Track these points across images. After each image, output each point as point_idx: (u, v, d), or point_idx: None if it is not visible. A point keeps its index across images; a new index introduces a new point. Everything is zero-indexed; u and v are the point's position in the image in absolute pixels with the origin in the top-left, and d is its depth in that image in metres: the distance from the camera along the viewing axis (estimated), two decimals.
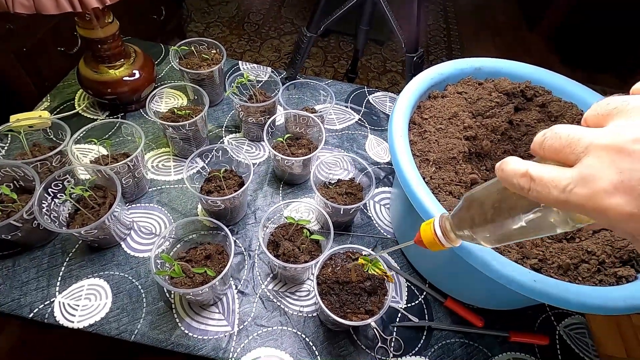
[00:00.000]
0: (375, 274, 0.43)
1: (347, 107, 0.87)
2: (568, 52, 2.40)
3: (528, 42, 2.58)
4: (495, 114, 0.60)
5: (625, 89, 0.24)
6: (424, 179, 0.47)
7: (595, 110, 0.22)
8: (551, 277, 0.42)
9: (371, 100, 0.89)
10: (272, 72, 0.89)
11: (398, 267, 0.62)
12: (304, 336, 0.54)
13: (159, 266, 0.48)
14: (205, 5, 2.38)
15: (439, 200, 0.45)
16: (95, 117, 0.76)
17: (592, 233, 0.46)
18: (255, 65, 0.91)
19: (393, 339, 0.55)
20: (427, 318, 0.58)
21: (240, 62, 0.91)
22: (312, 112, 0.74)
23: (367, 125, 0.83)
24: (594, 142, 0.20)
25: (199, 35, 2.13)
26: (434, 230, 0.35)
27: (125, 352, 0.58)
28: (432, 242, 0.35)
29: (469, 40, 2.51)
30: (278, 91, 0.71)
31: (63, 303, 0.53)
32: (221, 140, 0.76)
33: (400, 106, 0.54)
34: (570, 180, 0.20)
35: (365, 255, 0.47)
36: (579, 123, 0.68)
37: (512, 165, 0.24)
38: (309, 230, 0.55)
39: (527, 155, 0.61)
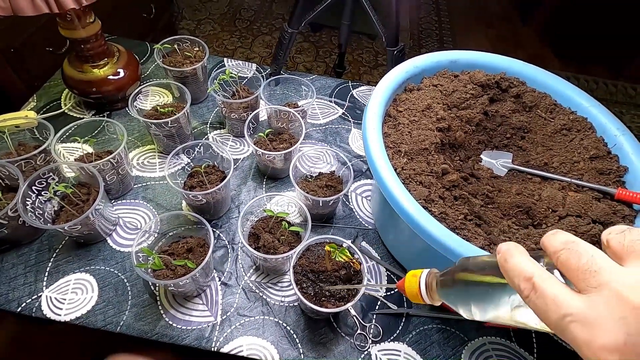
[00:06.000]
0: (342, 260, 0.44)
1: (331, 101, 0.88)
2: (561, 44, 2.41)
3: (521, 34, 2.58)
4: (470, 105, 0.61)
5: (617, 80, 0.23)
6: (395, 170, 0.49)
7: (620, 239, 0.21)
8: None
9: (355, 95, 0.90)
10: (256, 68, 0.90)
11: (378, 257, 0.64)
12: (285, 325, 0.56)
13: (140, 259, 0.50)
14: (196, 2, 2.38)
15: (409, 190, 0.47)
16: (82, 116, 0.77)
17: (559, 219, 0.48)
18: (240, 62, 0.92)
19: (372, 326, 0.57)
20: (405, 305, 0.59)
21: (225, 59, 0.92)
22: (295, 107, 0.75)
23: (350, 119, 0.85)
24: (610, 284, 0.19)
25: (190, 33, 2.13)
26: (419, 284, 0.34)
27: (117, 345, 0.60)
28: (415, 294, 0.34)
29: (461, 33, 2.51)
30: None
31: (50, 297, 0.54)
32: (206, 136, 0.77)
33: (375, 99, 0.56)
34: (572, 313, 0.19)
35: (332, 242, 0.48)
36: (552, 112, 0.69)
37: (517, 261, 0.22)
38: (288, 222, 0.56)
39: (502, 145, 0.62)
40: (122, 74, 0.75)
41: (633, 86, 2.26)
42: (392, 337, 0.56)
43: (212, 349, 0.53)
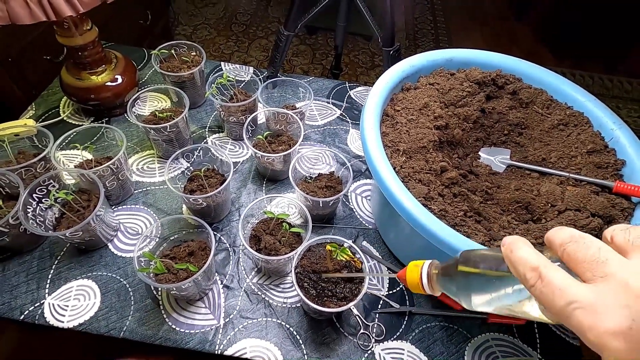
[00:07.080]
0: (344, 259, 0.45)
1: (328, 102, 0.88)
2: (556, 41, 2.42)
3: (516, 31, 2.59)
4: (467, 103, 0.61)
5: (612, 75, 0.23)
6: (394, 168, 0.49)
7: (626, 235, 0.22)
8: None
9: (352, 95, 0.90)
10: (253, 71, 0.90)
11: (380, 256, 0.64)
12: (288, 326, 0.56)
13: (142, 264, 0.50)
14: (192, 7, 2.39)
15: (409, 189, 0.47)
16: (81, 123, 0.77)
17: (558, 214, 0.48)
18: (237, 65, 0.92)
19: (375, 325, 0.57)
20: (408, 304, 0.59)
21: (222, 63, 0.92)
22: (293, 109, 0.75)
23: (348, 120, 0.85)
24: (617, 274, 0.19)
25: (186, 38, 2.14)
26: (421, 275, 0.34)
27: (120, 347, 0.60)
28: (416, 285, 0.35)
29: (456, 32, 2.52)
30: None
31: (53, 304, 0.54)
32: (205, 140, 0.77)
33: (372, 99, 0.56)
34: (578, 300, 0.20)
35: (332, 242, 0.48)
36: (549, 108, 0.69)
37: (523, 253, 0.23)
38: (288, 223, 0.57)
39: (500, 142, 0.62)
40: (119, 80, 0.76)
41: (629, 80, 2.26)
42: (395, 336, 0.56)
43: (216, 352, 0.53)
